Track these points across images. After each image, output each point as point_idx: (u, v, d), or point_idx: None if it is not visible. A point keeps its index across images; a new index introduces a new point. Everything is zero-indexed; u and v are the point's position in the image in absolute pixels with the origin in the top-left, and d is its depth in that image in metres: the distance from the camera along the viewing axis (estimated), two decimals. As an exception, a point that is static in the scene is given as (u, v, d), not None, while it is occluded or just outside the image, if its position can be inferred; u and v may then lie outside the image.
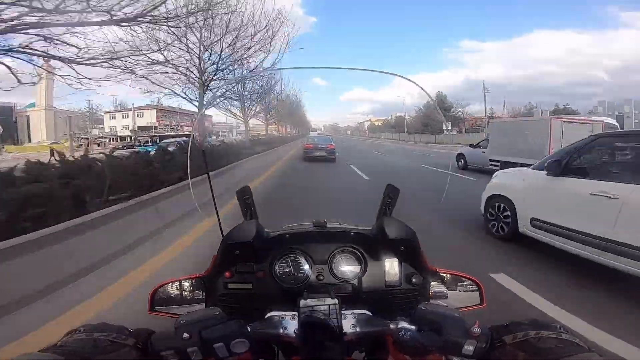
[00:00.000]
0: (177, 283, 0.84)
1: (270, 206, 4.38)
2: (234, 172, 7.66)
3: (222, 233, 0.80)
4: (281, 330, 0.62)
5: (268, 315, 0.66)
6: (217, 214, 0.80)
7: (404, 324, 0.59)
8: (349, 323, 0.63)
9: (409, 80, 0.97)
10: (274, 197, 6.42)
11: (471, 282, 0.86)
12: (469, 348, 0.54)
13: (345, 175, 11.05)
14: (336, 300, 0.62)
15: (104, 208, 3.32)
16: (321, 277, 0.82)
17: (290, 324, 0.63)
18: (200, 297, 0.84)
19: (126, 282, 2.87)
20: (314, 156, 15.60)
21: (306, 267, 0.82)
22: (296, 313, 0.63)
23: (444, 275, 0.86)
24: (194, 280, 0.84)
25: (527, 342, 0.51)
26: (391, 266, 0.82)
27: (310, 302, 0.62)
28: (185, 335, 0.54)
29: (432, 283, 0.86)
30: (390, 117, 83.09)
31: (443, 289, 0.86)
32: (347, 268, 0.83)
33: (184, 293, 0.84)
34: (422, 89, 0.97)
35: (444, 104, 50.59)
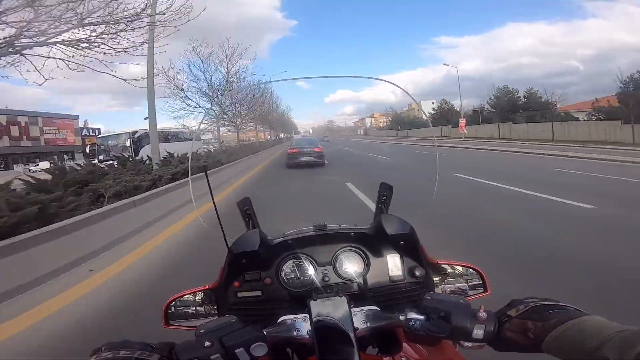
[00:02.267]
0: (188, 296, 0.86)
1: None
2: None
3: (227, 244, 0.82)
4: (295, 333, 0.65)
5: (280, 319, 0.68)
6: (221, 227, 0.82)
7: (412, 315, 0.61)
8: (359, 319, 0.65)
9: (391, 83, 1.01)
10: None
11: (473, 271, 0.89)
12: (478, 332, 0.57)
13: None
14: (344, 298, 0.64)
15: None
16: (327, 279, 0.84)
17: (302, 325, 0.65)
18: (212, 307, 0.86)
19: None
20: (299, 162, 14.62)
21: (311, 270, 0.84)
22: (307, 315, 0.65)
23: (446, 266, 0.89)
24: (204, 292, 0.86)
25: (530, 310, 0.55)
26: (393, 262, 0.84)
27: (320, 302, 0.64)
28: (207, 343, 0.55)
29: (436, 276, 0.88)
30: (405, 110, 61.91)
31: (446, 279, 0.89)
32: (351, 267, 0.85)
33: (196, 305, 0.86)
34: (404, 90, 1.01)
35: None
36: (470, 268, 0.89)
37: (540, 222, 4.83)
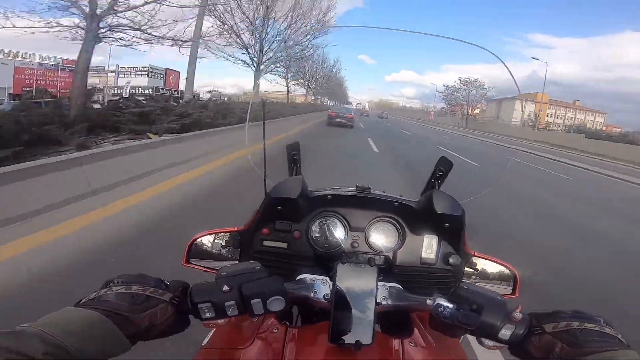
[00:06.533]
0: (214, 236, 0.84)
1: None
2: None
3: (265, 188, 0.79)
4: (312, 294, 0.62)
5: (299, 276, 0.66)
6: (265, 168, 0.79)
7: (442, 301, 0.58)
8: (381, 294, 0.62)
9: (495, 55, 0.87)
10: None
11: (507, 271, 0.82)
12: (505, 332, 0.53)
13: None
14: (375, 269, 0.60)
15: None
16: (355, 245, 0.80)
17: (320, 288, 0.63)
18: (235, 252, 0.84)
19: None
20: (335, 122, 20.26)
21: (342, 233, 0.80)
22: (327, 278, 0.63)
23: (481, 260, 0.82)
24: (231, 235, 0.84)
25: (568, 332, 0.49)
26: (429, 243, 0.79)
27: (349, 267, 0.60)
28: (226, 287, 0.53)
29: (467, 268, 0.82)
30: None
31: (476, 273, 0.83)
32: (384, 239, 0.80)
33: (219, 247, 0.84)
34: (506, 67, 0.86)
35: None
36: (506, 267, 0.82)
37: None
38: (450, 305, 0.57)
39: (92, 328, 0.42)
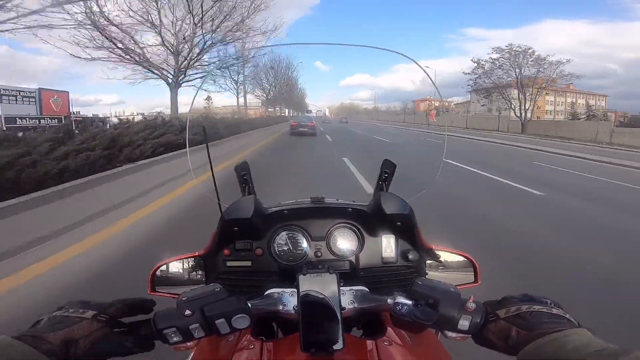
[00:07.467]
0: (176, 262, 0.84)
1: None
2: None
3: (220, 210, 0.79)
4: (280, 307, 0.63)
5: (267, 292, 0.66)
6: (216, 191, 0.79)
7: (400, 299, 0.60)
8: (347, 299, 0.64)
9: (407, 57, 0.94)
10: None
11: (466, 260, 0.87)
12: (464, 323, 0.55)
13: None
14: (335, 276, 0.62)
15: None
16: (319, 254, 0.82)
17: (289, 300, 0.64)
18: (200, 276, 0.84)
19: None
20: (298, 131, 21.10)
21: (304, 244, 0.83)
22: (295, 290, 0.64)
23: (440, 252, 0.87)
24: (193, 259, 0.84)
25: (519, 316, 0.53)
26: (388, 243, 0.82)
27: (309, 277, 0.62)
28: (188, 312, 0.54)
29: (428, 261, 0.86)
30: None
31: (438, 266, 0.87)
32: (345, 245, 0.83)
33: (184, 272, 0.84)
34: (419, 66, 0.95)
35: None
36: (464, 257, 0.87)
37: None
38: (409, 302, 0.59)
39: (3, 351, 0.43)
